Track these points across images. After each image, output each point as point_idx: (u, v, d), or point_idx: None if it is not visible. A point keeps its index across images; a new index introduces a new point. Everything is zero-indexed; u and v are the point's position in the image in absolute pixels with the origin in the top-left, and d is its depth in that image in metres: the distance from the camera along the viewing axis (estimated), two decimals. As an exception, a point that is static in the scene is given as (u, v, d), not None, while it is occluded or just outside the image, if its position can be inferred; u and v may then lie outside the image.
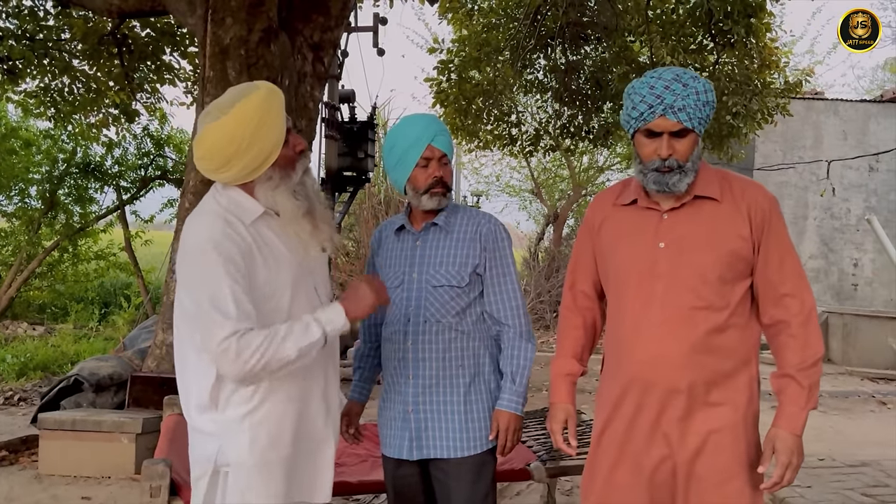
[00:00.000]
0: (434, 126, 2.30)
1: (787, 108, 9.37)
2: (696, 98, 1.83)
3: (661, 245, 1.92)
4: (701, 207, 1.91)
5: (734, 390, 1.89)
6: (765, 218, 1.89)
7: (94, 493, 4.13)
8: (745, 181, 1.96)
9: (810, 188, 14.05)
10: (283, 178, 1.86)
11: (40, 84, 8.37)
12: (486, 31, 9.41)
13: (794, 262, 1.90)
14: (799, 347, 1.85)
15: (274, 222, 1.89)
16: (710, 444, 1.87)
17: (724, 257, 1.87)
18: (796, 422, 1.83)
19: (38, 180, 11.05)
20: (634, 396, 1.92)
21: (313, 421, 1.94)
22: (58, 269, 11.42)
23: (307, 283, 1.93)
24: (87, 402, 4.90)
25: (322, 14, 5.30)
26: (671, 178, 1.87)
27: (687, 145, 1.86)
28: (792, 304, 1.87)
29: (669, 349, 1.87)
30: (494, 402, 2.30)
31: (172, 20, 7.79)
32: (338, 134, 10.52)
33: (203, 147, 1.81)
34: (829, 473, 4.72)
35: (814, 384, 1.84)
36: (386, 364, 2.36)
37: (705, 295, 1.87)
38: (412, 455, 2.26)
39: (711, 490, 1.87)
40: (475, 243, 2.29)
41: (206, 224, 1.80)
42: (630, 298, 1.95)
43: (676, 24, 8.70)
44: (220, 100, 1.84)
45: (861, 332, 9.53)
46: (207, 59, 4.83)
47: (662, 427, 1.89)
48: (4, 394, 6.69)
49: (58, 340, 9.08)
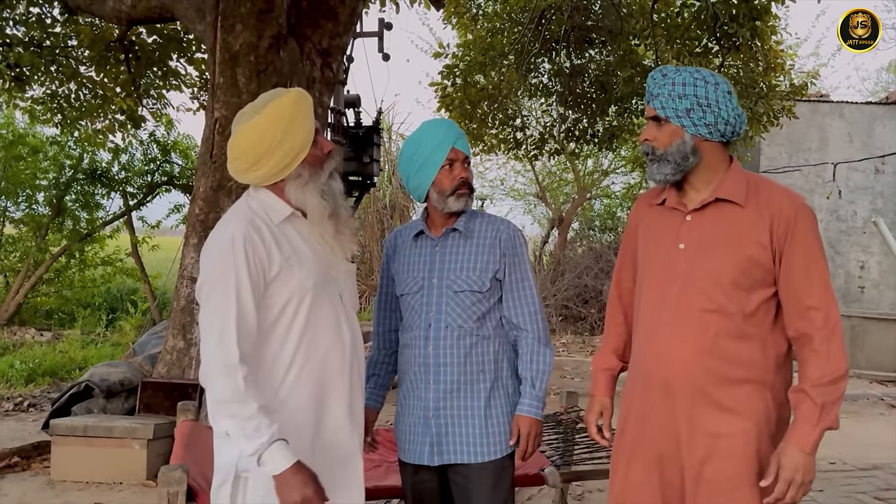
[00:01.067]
0: (455, 129, 2.34)
1: (793, 111, 9.36)
2: (670, 88, 1.88)
3: (681, 246, 1.93)
4: (724, 210, 1.91)
5: (749, 398, 1.87)
6: (789, 226, 1.85)
7: (106, 498, 4.14)
8: (774, 187, 1.93)
9: (816, 191, 14.03)
10: (313, 176, 1.94)
11: (47, 91, 8.41)
12: (490, 35, 9.44)
13: (821, 273, 1.85)
14: (820, 363, 1.82)
15: (301, 224, 1.95)
16: (720, 448, 1.87)
17: (740, 263, 1.86)
18: (806, 439, 1.78)
19: (45, 186, 11.06)
20: (645, 395, 1.95)
21: (336, 429, 1.95)
22: (65, 275, 11.43)
23: (331, 290, 1.96)
24: (98, 408, 4.91)
25: (331, 20, 5.32)
26: (651, 167, 1.93)
27: (666, 134, 1.90)
28: (817, 317, 1.83)
29: (677, 349, 1.89)
30: (513, 407, 2.31)
31: (179, 26, 7.82)
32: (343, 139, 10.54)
33: (238, 147, 1.90)
34: (841, 477, 4.71)
35: (830, 402, 1.80)
36: (405, 369, 2.37)
37: (717, 298, 1.87)
38: (433, 461, 2.26)
39: (719, 495, 1.86)
40: (495, 249, 2.31)
41: (230, 226, 1.86)
42: (649, 298, 1.98)
43: (681, 28, 8.71)
44: (253, 103, 1.94)
45: (869, 334, 9.50)
46: (217, 65, 4.85)
47: (672, 427, 1.91)
48: (14, 400, 6.71)
49: (65, 346, 9.09)
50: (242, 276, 1.78)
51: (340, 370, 1.95)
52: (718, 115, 1.87)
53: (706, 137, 1.89)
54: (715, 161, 1.93)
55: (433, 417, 2.27)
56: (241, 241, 1.81)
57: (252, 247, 1.81)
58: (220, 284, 1.79)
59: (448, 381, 2.26)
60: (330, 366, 1.93)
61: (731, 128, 1.90)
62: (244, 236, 1.82)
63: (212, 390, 1.77)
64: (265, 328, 1.85)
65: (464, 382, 2.26)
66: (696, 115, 1.86)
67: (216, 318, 1.78)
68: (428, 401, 2.28)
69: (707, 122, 1.87)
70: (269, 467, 1.73)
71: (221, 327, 1.77)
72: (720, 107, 1.87)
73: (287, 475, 1.72)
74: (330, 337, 1.93)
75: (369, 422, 2.43)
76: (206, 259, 1.86)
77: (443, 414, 2.26)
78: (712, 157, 1.92)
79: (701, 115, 1.86)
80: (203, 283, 1.84)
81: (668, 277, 1.94)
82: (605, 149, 11.27)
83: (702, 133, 1.88)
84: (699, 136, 1.89)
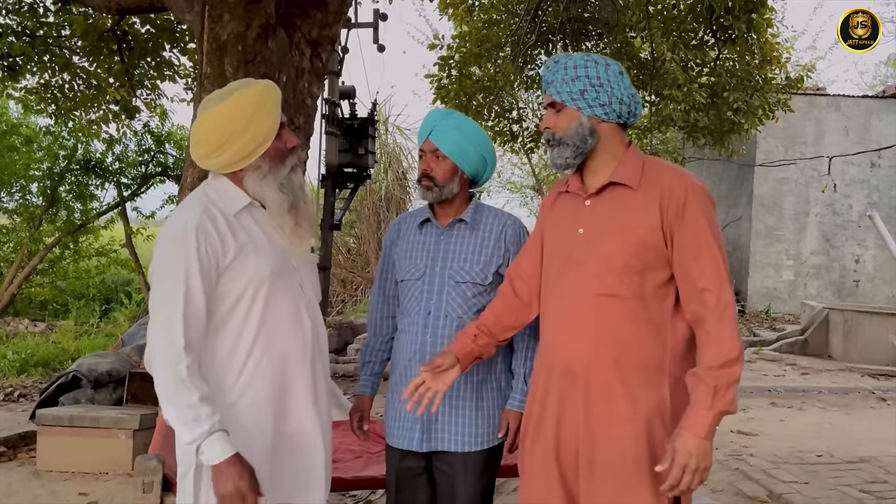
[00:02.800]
0: (432, 121, 2.34)
1: (789, 104, 9.35)
2: (563, 73, 1.90)
3: (581, 231, 1.95)
4: (618, 194, 1.92)
5: (639, 385, 1.86)
6: (678, 207, 1.84)
7: (91, 489, 4.13)
8: (665, 168, 1.93)
9: (812, 184, 14.03)
10: (272, 169, 1.93)
11: (41, 81, 8.36)
12: (486, 27, 9.41)
13: (712, 254, 1.82)
14: (713, 345, 1.77)
15: (259, 214, 1.95)
16: (611, 434, 1.86)
17: (631, 246, 1.86)
18: (700, 423, 1.73)
19: (39, 177, 11.05)
20: (547, 379, 1.97)
21: (299, 419, 1.95)
22: (59, 266, 11.44)
23: (291, 279, 1.96)
24: (86, 399, 4.91)
25: (320, 10, 5.27)
26: (552, 153, 1.95)
27: (563, 119, 1.92)
28: (709, 298, 1.79)
29: (571, 334, 1.90)
30: (504, 400, 2.33)
31: (172, 16, 7.77)
32: (338, 130, 10.51)
33: (200, 132, 1.89)
34: (828, 470, 4.71)
35: (722, 385, 1.74)
36: (399, 355, 2.37)
37: (610, 283, 1.87)
38: (421, 447, 2.27)
39: (612, 480, 1.85)
40: (500, 243, 2.33)
41: (184, 213, 1.86)
42: (552, 284, 1.99)
43: (677, 20, 8.69)
44: (219, 90, 1.93)
45: (862, 328, 9.51)
46: (205, 55, 4.81)
47: (569, 411, 1.91)
48: (4, 390, 6.71)
49: (58, 337, 9.10)
50: (193, 265, 1.78)
51: (301, 360, 1.94)
52: (612, 94, 1.88)
53: (603, 118, 1.90)
54: (613, 144, 1.94)
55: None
56: (193, 229, 1.80)
57: (205, 235, 1.81)
58: (170, 272, 1.79)
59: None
60: (290, 356, 1.92)
61: (626, 108, 1.91)
62: (197, 224, 1.81)
63: (156, 377, 1.77)
64: (220, 318, 1.84)
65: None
66: (590, 95, 1.88)
67: (164, 306, 1.78)
68: None
69: (601, 101, 1.88)
70: (206, 457, 1.72)
71: (168, 315, 1.76)
72: (612, 86, 1.88)
73: (223, 466, 1.71)
74: (289, 327, 1.92)
75: (366, 410, 2.44)
76: (159, 246, 1.85)
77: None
78: (610, 139, 1.94)
79: (595, 95, 1.88)
80: (154, 269, 1.84)
81: (567, 263, 1.95)
82: (601, 141, 11.23)
83: (598, 114, 1.90)
84: (596, 118, 1.91)
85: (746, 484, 4.47)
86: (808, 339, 10.12)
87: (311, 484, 1.99)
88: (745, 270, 14.25)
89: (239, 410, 1.84)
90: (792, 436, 5.79)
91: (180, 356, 1.74)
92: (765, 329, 12.36)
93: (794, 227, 14.25)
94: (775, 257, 14.24)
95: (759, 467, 4.79)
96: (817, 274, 14.32)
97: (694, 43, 8.89)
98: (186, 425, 1.72)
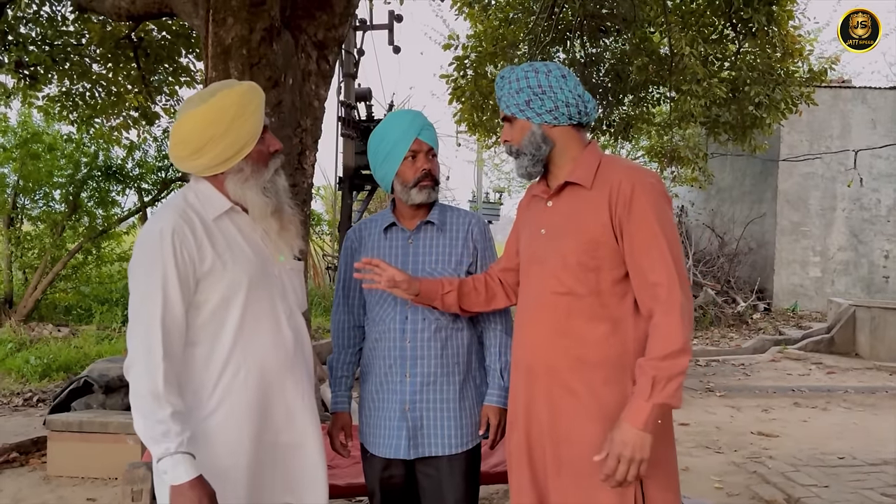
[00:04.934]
0: (420, 120, 2.30)
1: (812, 98, 9.15)
2: (508, 87, 1.98)
3: (543, 232, 2.00)
4: (574, 194, 1.96)
5: (600, 382, 1.86)
6: (626, 203, 1.85)
7: (99, 494, 4.15)
8: (618, 165, 1.94)
9: (838, 179, 13.74)
10: (254, 172, 1.89)
11: (62, 89, 8.47)
12: (502, 25, 9.34)
13: (662, 249, 1.82)
14: (657, 337, 1.78)
15: (241, 219, 1.91)
16: (574, 432, 1.87)
17: (584, 244, 1.89)
18: (638, 414, 1.74)
19: (61, 184, 11.17)
20: (516, 377, 2.03)
21: (281, 431, 1.91)
22: (82, 272, 11.55)
23: (271, 287, 1.91)
24: (98, 404, 4.93)
25: (325, 12, 5.25)
26: (515, 165, 2.02)
27: (517, 131, 1.99)
28: (660, 292, 1.81)
29: (533, 332, 1.95)
30: (481, 397, 2.32)
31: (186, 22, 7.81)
32: (355, 133, 10.51)
33: (180, 133, 1.84)
34: (849, 472, 4.59)
35: (663, 377, 1.73)
36: (375, 363, 2.32)
37: (566, 280, 1.90)
38: (409, 454, 2.24)
39: (575, 479, 1.86)
40: (468, 242, 2.31)
41: (161, 218, 1.82)
42: (522, 285, 2.07)
43: (696, 14, 8.54)
44: (202, 91, 1.89)
45: (890, 325, 9.28)
46: (210, 59, 4.81)
47: (535, 409, 1.94)
48: (24, 395, 6.78)
49: (80, 342, 9.18)
50: (169, 270, 1.74)
51: (282, 371, 1.90)
52: (556, 98, 1.93)
53: (553, 123, 1.96)
54: (570, 146, 1.98)
55: (409, 410, 2.24)
56: (169, 233, 1.76)
57: (180, 240, 1.77)
58: (148, 278, 1.75)
59: (424, 373, 2.25)
60: (270, 367, 1.88)
61: (574, 109, 1.95)
62: (173, 229, 1.77)
63: (132, 385, 1.74)
64: (197, 327, 1.81)
65: (440, 374, 2.25)
66: (535, 104, 1.94)
67: (142, 311, 1.75)
68: (404, 394, 2.25)
69: (548, 108, 1.94)
70: (168, 476, 1.67)
71: (147, 322, 1.73)
72: (555, 91, 1.93)
73: (184, 488, 1.66)
74: (268, 337, 1.88)
75: (346, 425, 2.40)
76: (136, 251, 1.82)
77: (419, 407, 2.25)
78: (566, 142, 1.97)
79: (540, 103, 1.94)
80: (131, 274, 1.80)
81: (531, 263, 2.01)
82: (622, 139, 11.12)
83: (547, 120, 1.95)
84: (546, 124, 1.96)
85: (764, 487, 4.36)
86: (834, 338, 9.91)
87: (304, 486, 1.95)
88: (771, 268, 14.00)
89: (215, 422, 1.80)
90: (814, 437, 5.65)
91: (158, 366, 1.70)
92: (791, 327, 12.14)
93: (821, 223, 13.97)
94: (801, 254, 13.97)
95: (778, 470, 4.67)
96: (845, 270, 14.03)
97: (713, 37, 8.73)
98: (154, 440, 1.68)
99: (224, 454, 1.79)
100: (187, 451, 1.68)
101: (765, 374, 8.49)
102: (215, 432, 1.80)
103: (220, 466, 1.78)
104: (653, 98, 9.84)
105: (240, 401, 1.83)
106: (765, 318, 13.01)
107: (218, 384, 1.82)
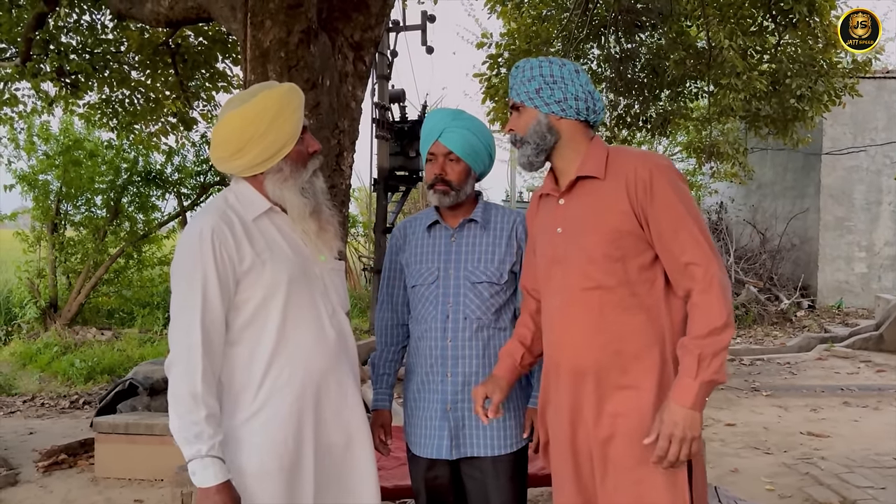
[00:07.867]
0: (442, 123, 2.27)
1: (856, 89, 8.93)
2: (521, 76, 1.98)
3: (559, 230, 1.96)
4: (587, 187, 1.93)
5: (641, 373, 1.84)
6: (646, 188, 1.83)
7: (146, 496, 4.19)
8: (627, 154, 1.92)
9: (884, 172, 13.38)
10: (294, 172, 1.90)
11: (101, 96, 8.61)
12: (535, 23, 9.27)
13: (690, 229, 1.82)
14: (698, 315, 1.78)
15: (280, 219, 1.91)
16: (620, 428, 1.85)
17: (607, 235, 1.86)
18: (686, 393, 1.74)
19: (102, 189, 11.38)
20: (553, 380, 1.98)
21: (329, 432, 1.90)
22: (124, 276, 11.74)
23: (313, 287, 1.90)
24: (143, 406, 4.98)
25: (361, 13, 5.24)
26: (517, 154, 1.99)
27: (524, 119, 1.98)
28: (696, 271, 1.80)
29: (569, 332, 1.91)
30: (526, 399, 2.28)
31: (223, 28, 7.89)
32: (389, 134, 10.51)
33: (221, 133, 1.85)
34: (906, 474, 4.44)
35: (708, 354, 1.74)
36: (418, 362, 2.31)
37: (593, 274, 1.87)
38: (451, 455, 2.21)
39: (624, 474, 1.84)
40: (512, 241, 2.28)
41: (201, 220, 1.83)
42: (544, 286, 2.02)
43: (734, 6, 8.38)
44: (242, 92, 1.91)
45: (941, 322, 9.00)
46: (248, 62, 4.83)
47: (577, 409, 1.91)
48: (70, 398, 6.90)
49: (123, 345, 9.34)
50: (209, 270, 1.75)
51: (326, 370, 1.89)
52: (566, 90, 1.92)
53: (560, 115, 1.94)
54: (575, 140, 1.97)
55: (451, 410, 2.23)
56: (208, 234, 1.77)
57: (220, 240, 1.78)
58: (187, 278, 1.76)
59: (465, 372, 2.23)
60: (314, 366, 1.87)
61: (583, 104, 1.94)
62: (212, 230, 1.78)
63: (171, 384, 1.74)
64: (239, 327, 1.81)
65: (481, 374, 2.23)
66: (545, 93, 1.93)
67: (182, 313, 1.76)
68: (446, 394, 2.24)
69: (557, 98, 1.93)
70: (196, 478, 1.68)
71: (187, 322, 1.74)
72: (567, 82, 1.93)
73: (211, 492, 1.67)
74: (311, 337, 1.87)
75: (386, 423, 2.38)
76: (177, 252, 1.84)
77: (460, 406, 2.23)
78: (572, 136, 1.96)
79: (550, 92, 1.93)
80: (172, 275, 1.82)
81: (552, 263, 1.98)
82: (659, 135, 10.97)
83: (554, 111, 1.94)
84: (553, 115, 1.95)
85: (817, 489, 4.25)
86: (883, 335, 9.64)
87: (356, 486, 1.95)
88: (815, 264, 13.69)
89: (259, 423, 1.80)
90: (867, 437, 5.49)
91: (197, 365, 1.70)
92: (837, 325, 11.85)
93: (866, 218, 13.62)
94: (846, 249, 13.64)
95: (831, 471, 4.54)
96: (892, 266, 13.66)
97: (753, 29, 8.57)
98: (187, 441, 1.69)
99: (267, 455, 1.79)
100: (218, 454, 1.68)
101: (812, 373, 8.29)
102: (259, 432, 1.79)
103: (264, 468, 1.77)
104: (690, 93, 9.68)
105: (284, 401, 1.82)
106: (809, 315, 12.73)
107: (262, 384, 1.82)
